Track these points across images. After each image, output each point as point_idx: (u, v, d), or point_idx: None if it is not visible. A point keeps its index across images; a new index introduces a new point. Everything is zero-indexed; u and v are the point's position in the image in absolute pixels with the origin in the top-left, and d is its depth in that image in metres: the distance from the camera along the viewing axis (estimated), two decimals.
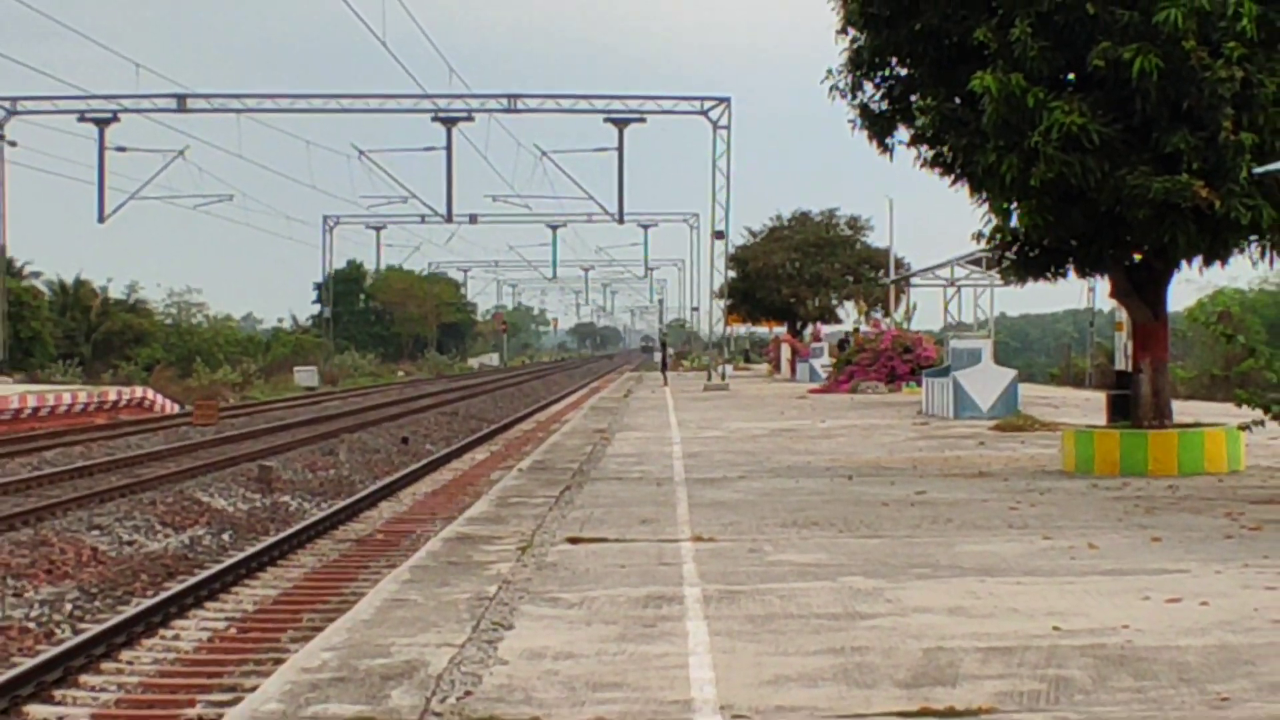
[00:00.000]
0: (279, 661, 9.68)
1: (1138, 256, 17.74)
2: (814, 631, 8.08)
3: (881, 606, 8.80)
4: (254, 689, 7.79)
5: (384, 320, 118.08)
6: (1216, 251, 16.88)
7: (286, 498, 22.67)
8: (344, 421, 38.86)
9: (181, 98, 58.62)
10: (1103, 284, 30.63)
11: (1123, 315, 26.62)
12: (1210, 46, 14.98)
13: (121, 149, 60.72)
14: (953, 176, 17.58)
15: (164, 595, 13.48)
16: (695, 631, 8.10)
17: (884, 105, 18.11)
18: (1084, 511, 13.47)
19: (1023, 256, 18.14)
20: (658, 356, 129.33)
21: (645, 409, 37.27)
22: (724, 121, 59.77)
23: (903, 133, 18.11)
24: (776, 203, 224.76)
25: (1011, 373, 30.90)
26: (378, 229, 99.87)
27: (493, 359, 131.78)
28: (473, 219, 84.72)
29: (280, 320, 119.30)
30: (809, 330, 67.89)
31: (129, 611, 12.75)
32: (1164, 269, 17.75)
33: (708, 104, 60.34)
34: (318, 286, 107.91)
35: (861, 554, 10.98)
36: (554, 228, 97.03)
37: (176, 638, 12.33)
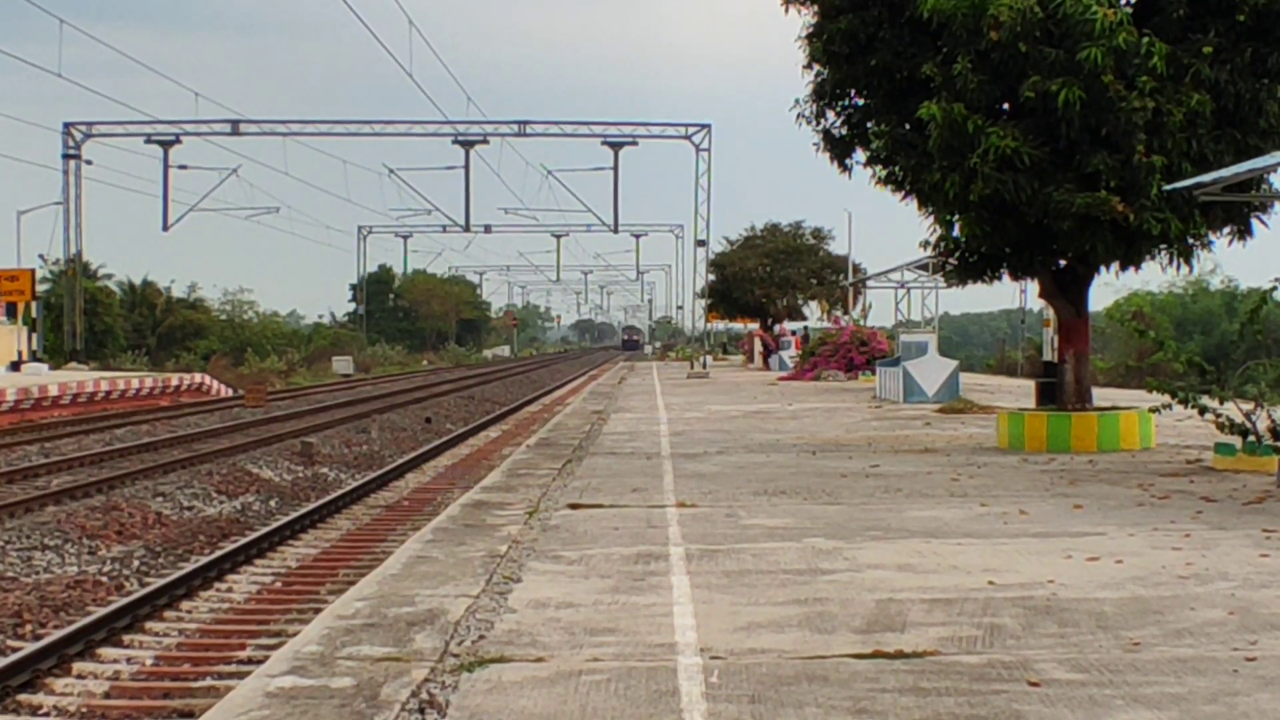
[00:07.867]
0: (318, 610, 9.66)
1: (1063, 262, 17.74)
2: (781, 585, 8.07)
3: (840, 564, 8.79)
4: (296, 634, 7.76)
5: (410, 316, 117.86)
6: (1131, 258, 16.87)
7: (325, 469, 22.64)
8: (375, 404, 38.79)
9: (235, 123, 58.47)
10: (1033, 286, 30.67)
11: (1050, 313, 26.59)
12: (1126, 80, 14.98)
13: (183, 167, 60.66)
14: (903, 192, 17.57)
15: (219, 553, 13.47)
16: (679, 584, 8.08)
17: (844, 131, 18.10)
18: (1016, 482, 13.47)
19: (963, 262, 18.13)
20: (648, 349, 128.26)
21: (637, 393, 37.21)
22: (705, 145, 59.73)
23: (860, 154, 18.11)
24: (751, 215, 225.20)
25: (953, 363, 30.89)
26: (405, 237, 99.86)
27: (504, 350, 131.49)
28: (488, 229, 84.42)
29: (320, 316, 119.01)
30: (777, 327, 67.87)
31: (188, 567, 12.75)
32: (1086, 273, 17.76)
33: (691, 129, 60.27)
34: (353, 287, 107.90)
35: (823, 518, 10.97)
36: (558, 237, 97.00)
37: (230, 590, 12.32)
